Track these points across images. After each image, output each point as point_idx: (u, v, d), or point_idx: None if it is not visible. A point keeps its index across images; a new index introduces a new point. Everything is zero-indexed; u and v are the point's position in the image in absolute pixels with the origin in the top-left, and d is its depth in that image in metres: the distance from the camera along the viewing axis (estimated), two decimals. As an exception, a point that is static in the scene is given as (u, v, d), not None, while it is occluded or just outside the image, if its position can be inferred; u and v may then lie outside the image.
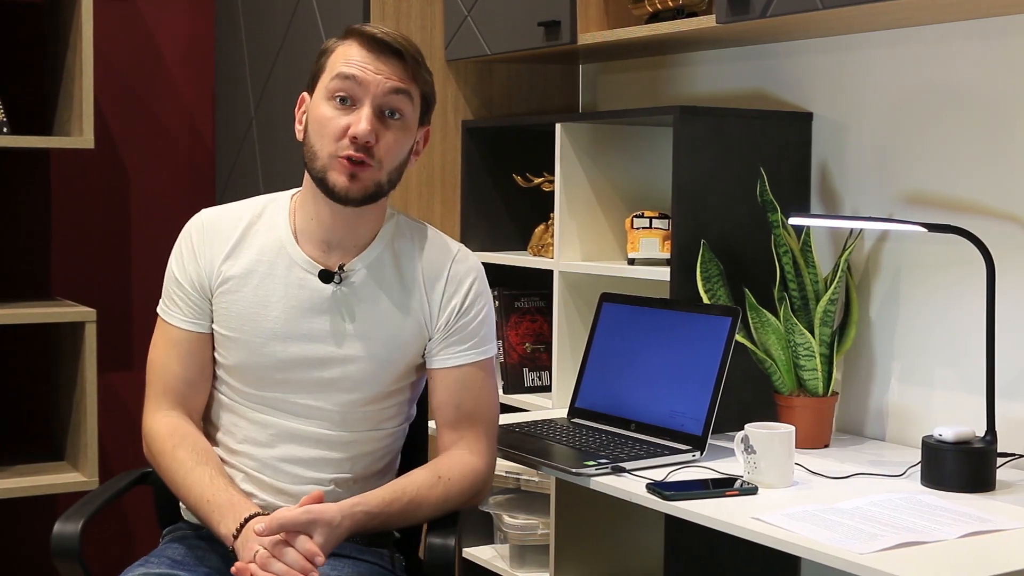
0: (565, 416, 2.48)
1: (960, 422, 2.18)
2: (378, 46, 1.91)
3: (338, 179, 1.91)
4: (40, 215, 3.54)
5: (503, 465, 2.75)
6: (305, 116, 1.97)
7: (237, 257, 2.00)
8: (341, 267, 1.98)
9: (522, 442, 2.27)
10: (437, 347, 2.02)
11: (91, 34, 3.09)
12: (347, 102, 1.90)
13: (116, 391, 3.65)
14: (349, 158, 1.89)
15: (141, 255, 3.70)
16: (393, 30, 1.96)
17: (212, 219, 2.04)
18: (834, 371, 2.32)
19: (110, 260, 3.65)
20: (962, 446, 2.01)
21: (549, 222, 2.92)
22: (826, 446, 2.33)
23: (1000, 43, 2.21)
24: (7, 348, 3.47)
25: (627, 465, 2.07)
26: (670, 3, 2.56)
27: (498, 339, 2.98)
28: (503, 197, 3.10)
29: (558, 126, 2.75)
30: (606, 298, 2.52)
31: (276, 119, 3.41)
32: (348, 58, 1.91)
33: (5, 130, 3.12)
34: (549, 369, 2.96)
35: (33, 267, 3.53)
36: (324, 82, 1.93)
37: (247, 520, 1.82)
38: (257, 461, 1.98)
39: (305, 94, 1.99)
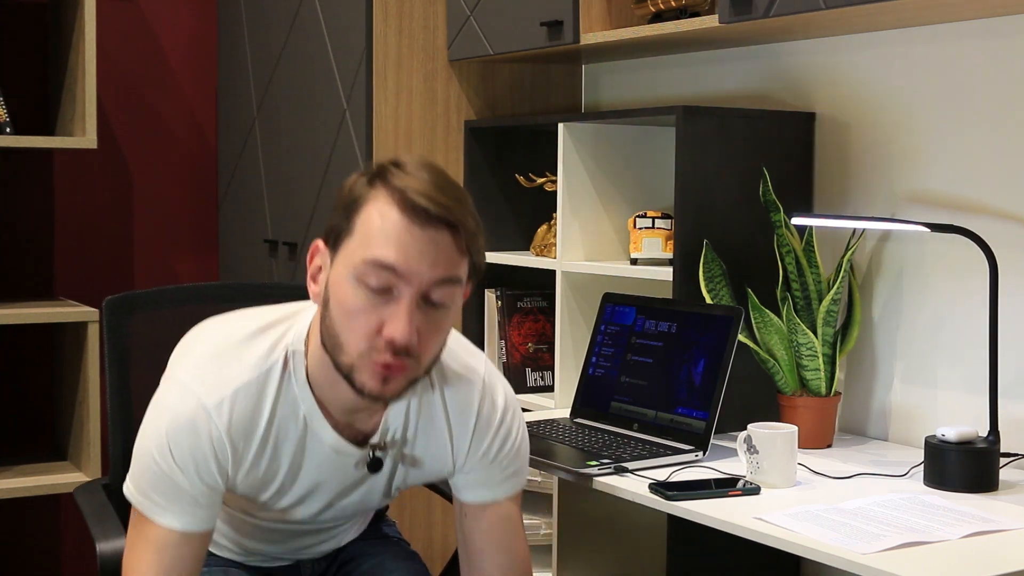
0: (568, 416, 2.48)
1: (963, 422, 2.18)
2: (426, 219, 1.50)
3: (368, 382, 1.54)
4: (43, 215, 3.54)
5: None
6: (324, 280, 1.57)
7: (261, 452, 1.65)
8: (374, 448, 1.69)
9: (525, 442, 2.27)
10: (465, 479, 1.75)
11: (94, 34, 3.09)
12: (384, 290, 1.50)
13: (119, 391, 3.65)
14: (385, 365, 1.52)
15: (144, 255, 3.71)
16: (439, 182, 1.53)
17: (222, 415, 1.60)
18: (837, 371, 2.31)
19: (113, 260, 3.65)
20: (965, 446, 2.00)
21: (552, 222, 2.92)
22: (829, 446, 2.33)
23: (1003, 43, 2.21)
24: (10, 348, 3.47)
25: (630, 465, 2.07)
26: (673, 3, 2.56)
27: (501, 339, 2.98)
28: (506, 197, 3.10)
29: (561, 126, 2.75)
30: (608, 298, 2.52)
31: (279, 119, 3.41)
32: (386, 233, 1.49)
33: (8, 130, 3.12)
34: (551, 369, 2.96)
35: (36, 267, 3.54)
36: (353, 254, 1.51)
37: None
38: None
39: (322, 245, 1.58)
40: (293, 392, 1.63)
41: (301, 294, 1.69)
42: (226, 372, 1.60)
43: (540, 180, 2.96)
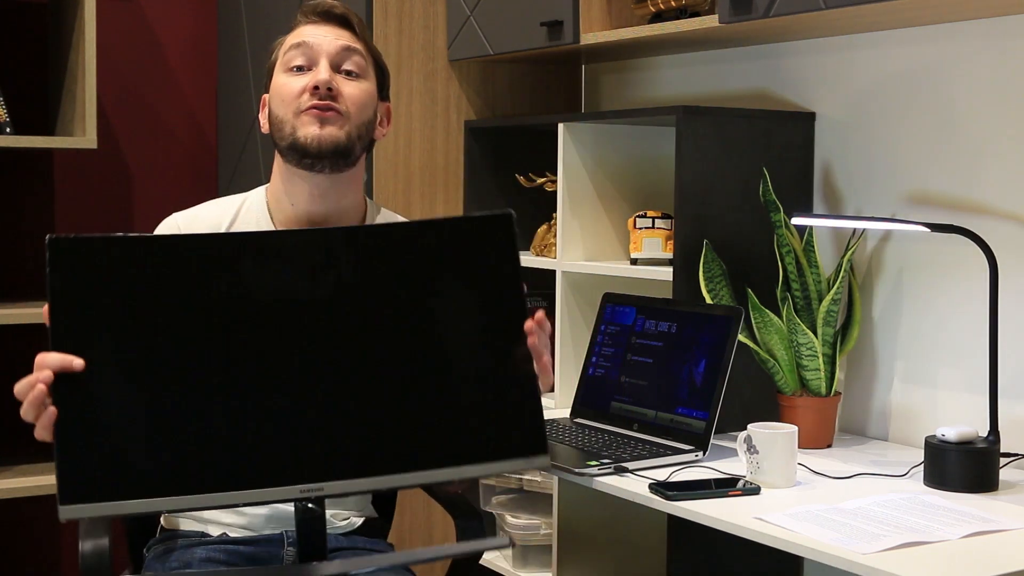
0: (567, 416, 2.48)
1: (963, 422, 2.18)
2: (323, 16, 1.96)
3: (308, 130, 1.90)
4: (43, 215, 3.54)
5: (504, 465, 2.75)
6: (267, 108, 1.99)
7: None
8: None
9: (525, 442, 2.26)
10: None
11: (94, 34, 3.09)
12: (303, 69, 1.93)
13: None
14: (314, 107, 1.89)
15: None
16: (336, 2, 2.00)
17: (191, 221, 2.01)
18: (837, 371, 2.31)
19: (113, 260, 3.65)
20: (965, 446, 2.00)
21: (552, 222, 2.92)
22: (829, 446, 2.33)
23: (1004, 42, 2.21)
24: (9, 348, 3.47)
25: (630, 465, 2.07)
26: (672, 3, 2.56)
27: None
28: (506, 197, 3.10)
29: (560, 126, 2.75)
30: (608, 298, 2.52)
31: (279, 119, 3.41)
32: (296, 32, 1.97)
33: (8, 130, 3.12)
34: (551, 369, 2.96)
35: (36, 267, 3.53)
36: (279, 62, 1.96)
37: None
38: None
39: (265, 95, 2.01)
40: (253, 213, 1.99)
41: None
42: (195, 208, 2.02)
43: (540, 180, 2.96)
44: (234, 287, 1.62)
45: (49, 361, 1.55)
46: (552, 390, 1.76)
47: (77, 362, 1.54)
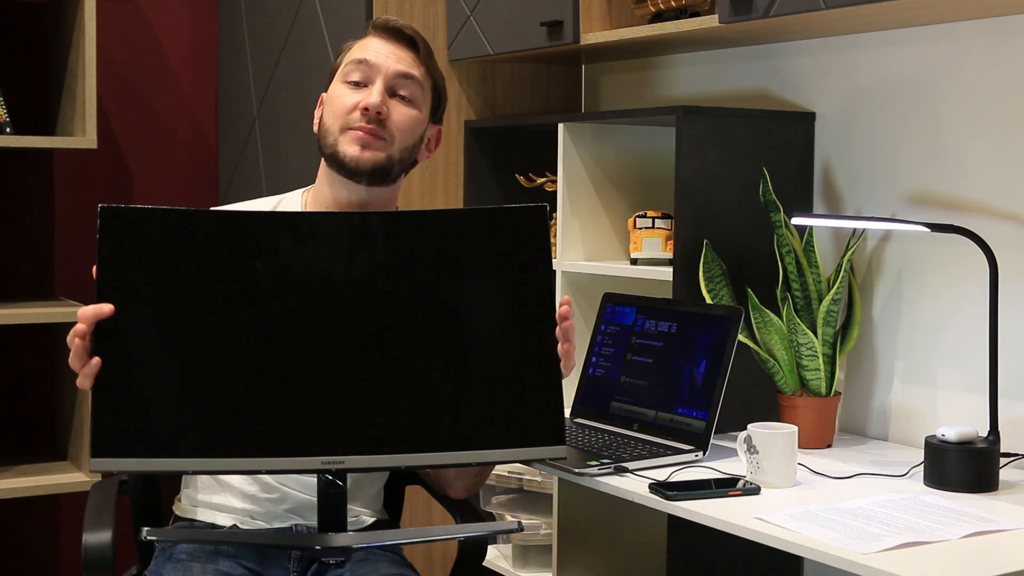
0: (568, 416, 2.48)
1: (963, 422, 2.18)
2: (391, 34, 2.01)
3: (349, 148, 1.97)
4: (43, 215, 3.54)
5: (505, 465, 2.75)
6: (322, 108, 2.04)
7: None
8: None
9: (525, 442, 2.26)
10: None
11: (94, 34, 3.09)
12: (360, 85, 1.98)
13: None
14: (361, 128, 1.96)
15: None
16: (407, 22, 2.06)
17: None
18: (837, 371, 2.31)
19: (113, 260, 3.65)
20: (965, 446, 2.00)
21: (552, 222, 2.92)
22: (829, 446, 2.33)
23: (1004, 43, 2.21)
24: (10, 348, 3.47)
25: (630, 465, 2.07)
26: (673, 3, 2.56)
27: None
28: (506, 197, 3.10)
29: (560, 126, 2.75)
30: (609, 298, 2.52)
31: (279, 118, 3.41)
32: (361, 46, 2.01)
33: (8, 130, 3.12)
34: (552, 369, 2.96)
35: (36, 267, 3.53)
36: (339, 70, 2.02)
37: None
38: None
39: (323, 94, 2.05)
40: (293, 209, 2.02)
41: None
42: (230, 206, 2.03)
43: (540, 180, 2.96)
44: (272, 263, 1.70)
45: (86, 313, 1.64)
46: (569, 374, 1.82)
47: (106, 308, 1.64)
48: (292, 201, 2.10)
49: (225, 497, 2.00)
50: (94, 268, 1.66)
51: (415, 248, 1.74)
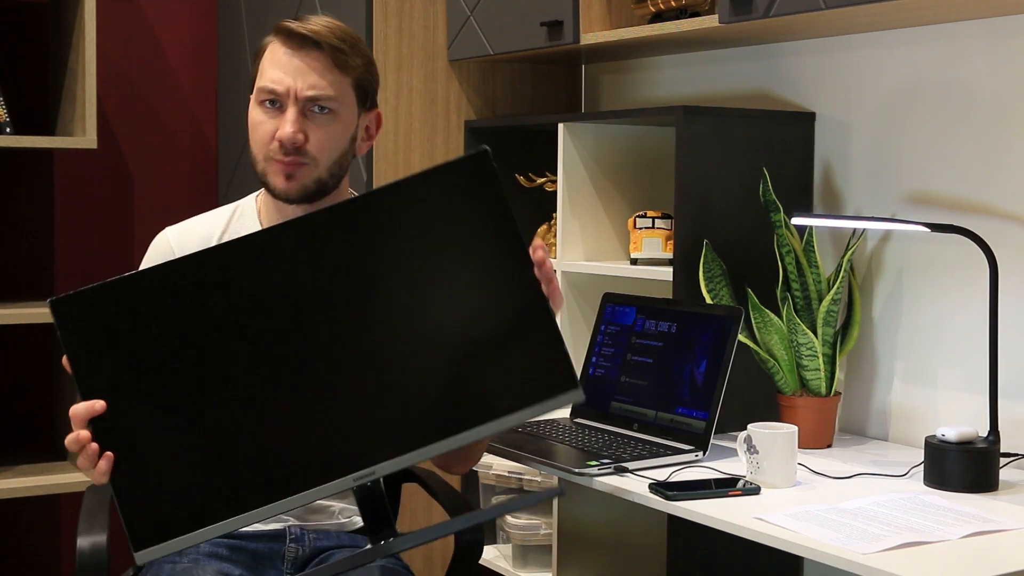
0: (568, 416, 2.48)
1: (963, 422, 2.18)
2: (297, 41, 1.91)
3: (276, 180, 1.92)
4: (43, 215, 3.54)
5: (506, 465, 2.75)
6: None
7: None
8: None
9: (525, 442, 2.27)
10: None
11: (94, 34, 3.09)
12: (276, 104, 1.91)
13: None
14: (280, 161, 1.91)
15: (144, 255, 3.70)
16: (322, 19, 1.94)
17: (183, 235, 2.03)
18: (837, 371, 2.31)
19: (113, 260, 3.65)
20: (965, 446, 2.00)
21: (552, 222, 2.92)
22: (829, 446, 2.33)
23: (1004, 42, 2.21)
24: (10, 348, 3.47)
25: (630, 465, 2.07)
26: (673, 3, 2.56)
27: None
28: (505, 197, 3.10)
29: (561, 126, 2.75)
30: (609, 298, 2.52)
31: (279, 119, 3.41)
32: (272, 62, 1.92)
33: (8, 130, 3.12)
34: (552, 369, 2.96)
35: (36, 267, 3.54)
36: (256, 91, 1.94)
37: None
38: None
39: (251, 98, 1.98)
40: (244, 222, 2.00)
41: None
42: (187, 222, 2.06)
43: (540, 180, 2.96)
44: (236, 298, 1.62)
45: (78, 414, 1.58)
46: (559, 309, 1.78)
47: (98, 404, 1.58)
48: (247, 208, 2.05)
49: None
50: (64, 359, 1.60)
51: (373, 233, 1.65)
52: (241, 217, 2.04)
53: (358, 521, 2.06)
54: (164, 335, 1.61)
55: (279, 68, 1.90)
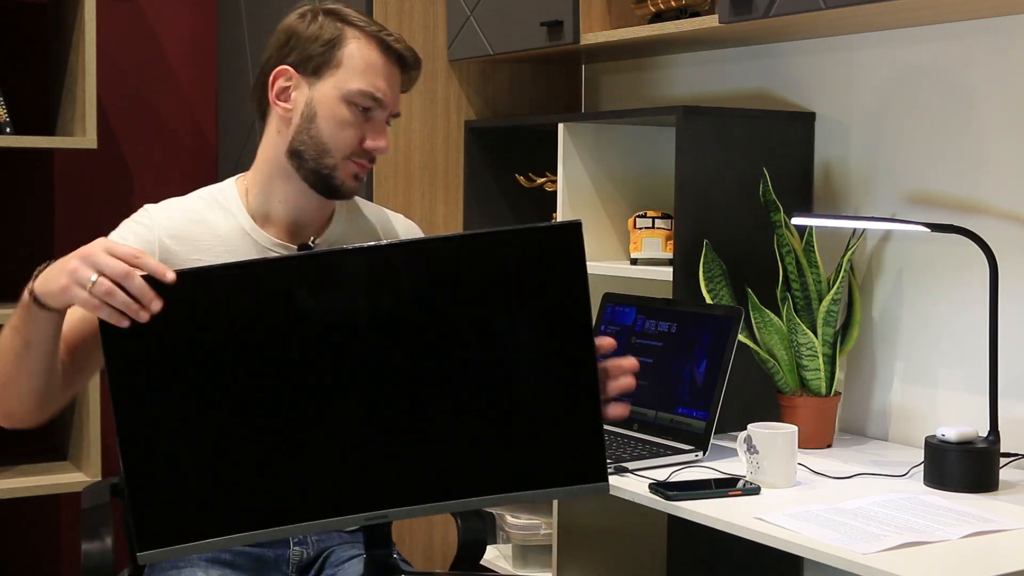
0: (568, 416, 2.48)
1: (963, 422, 2.18)
2: (399, 62, 1.93)
3: (347, 179, 1.91)
4: (43, 215, 3.54)
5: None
6: (302, 99, 1.91)
7: (202, 254, 1.92)
8: (308, 243, 1.95)
9: (525, 442, 2.27)
10: None
11: (94, 34, 3.09)
12: (367, 110, 1.91)
13: (119, 391, 3.64)
14: (362, 166, 1.92)
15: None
16: (402, 37, 1.96)
17: (177, 224, 1.96)
18: (837, 371, 2.31)
19: (113, 260, 3.65)
20: (965, 446, 2.01)
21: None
22: (829, 446, 2.33)
23: (1004, 43, 2.21)
24: (10, 348, 3.47)
25: (630, 465, 2.07)
26: (673, 3, 2.56)
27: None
28: (506, 197, 3.10)
29: (560, 126, 2.75)
30: (609, 298, 2.52)
31: (279, 119, 3.41)
32: (374, 70, 1.90)
33: (8, 130, 3.12)
34: (552, 369, 2.96)
35: (36, 267, 3.53)
36: (344, 82, 1.89)
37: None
38: None
39: (292, 71, 1.92)
40: (228, 206, 1.96)
41: None
42: (171, 204, 2.00)
43: (540, 180, 2.96)
44: (289, 313, 1.57)
45: (146, 263, 1.54)
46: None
47: (170, 274, 1.53)
48: (229, 193, 1.98)
49: None
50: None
51: (440, 279, 1.59)
52: (226, 203, 1.97)
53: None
54: (208, 341, 1.57)
55: (383, 79, 1.91)
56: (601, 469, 1.62)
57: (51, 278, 1.61)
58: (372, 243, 1.65)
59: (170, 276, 1.52)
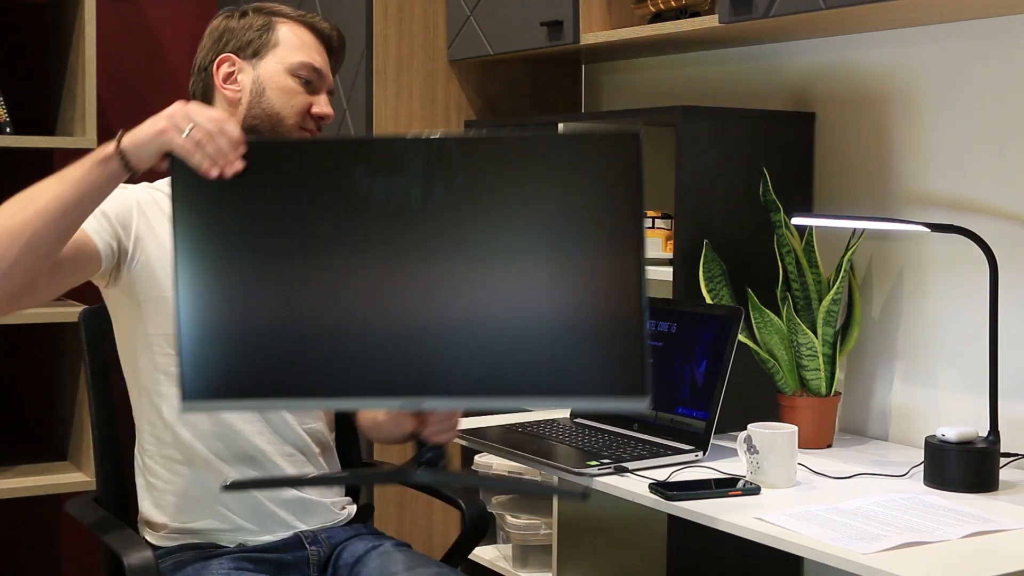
0: (568, 416, 2.48)
1: (963, 422, 2.18)
2: (330, 46, 2.08)
3: None
4: (43, 215, 3.54)
5: (505, 465, 2.75)
6: (249, 80, 2.01)
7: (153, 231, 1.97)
8: None
9: (525, 442, 2.27)
10: None
11: (94, 34, 3.09)
12: (308, 83, 2.03)
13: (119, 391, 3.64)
14: (311, 132, 2.03)
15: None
16: (322, 15, 2.11)
17: (143, 198, 1.99)
18: (837, 371, 2.31)
19: (113, 260, 3.65)
20: (965, 446, 2.01)
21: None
22: (829, 446, 2.33)
23: (1004, 43, 2.21)
24: (9, 348, 3.47)
25: (630, 465, 2.07)
26: (673, 3, 2.56)
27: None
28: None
29: (560, 126, 2.75)
30: (609, 298, 2.52)
31: (279, 119, 3.41)
32: (309, 46, 2.05)
33: (8, 130, 3.12)
34: (552, 369, 2.96)
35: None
36: (283, 57, 2.02)
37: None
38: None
39: (234, 57, 2.02)
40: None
41: None
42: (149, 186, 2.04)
43: (540, 180, 2.96)
44: (346, 193, 1.64)
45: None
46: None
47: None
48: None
49: (210, 521, 1.98)
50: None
51: (496, 176, 1.61)
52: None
53: (352, 510, 2.11)
54: (271, 209, 1.65)
55: (318, 55, 2.05)
56: (642, 385, 1.61)
57: (143, 128, 1.70)
58: (432, 133, 1.66)
59: (242, 144, 1.66)
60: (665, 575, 2.45)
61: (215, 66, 2.03)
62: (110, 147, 1.70)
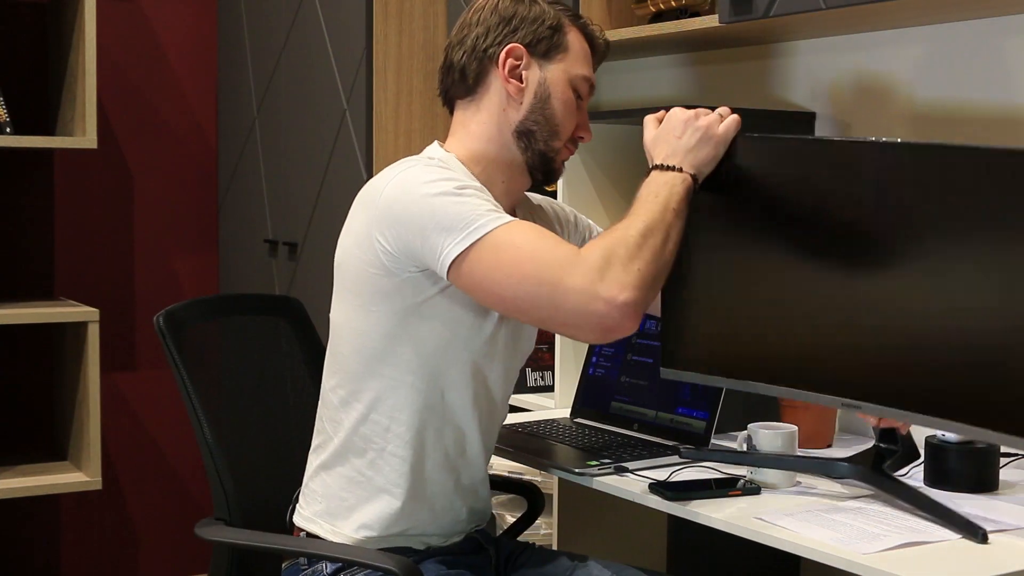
0: (568, 416, 2.48)
1: (963, 422, 2.18)
2: (599, 61, 2.01)
3: (561, 165, 1.97)
4: (43, 215, 3.54)
5: (505, 465, 2.75)
6: (535, 79, 1.90)
7: None
8: None
9: (525, 442, 2.27)
10: None
11: (94, 34, 3.10)
12: (579, 98, 1.95)
13: (119, 391, 3.65)
14: (571, 152, 1.98)
15: (144, 255, 3.71)
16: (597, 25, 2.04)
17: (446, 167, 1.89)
18: (837, 371, 2.31)
19: (113, 260, 3.65)
20: (965, 446, 2.00)
21: (552, 222, 2.92)
22: (829, 446, 2.32)
23: (1004, 43, 2.21)
24: (10, 348, 3.47)
25: (630, 465, 2.07)
26: (673, 3, 2.56)
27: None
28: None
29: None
30: (609, 298, 2.51)
31: (279, 119, 3.41)
32: (588, 59, 1.96)
33: (8, 130, 3.12)
34: (552, 369, 2.96)
35: (36, 267, 3.54)
36: (571, 67, 1.92)
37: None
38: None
39: (523, 51, 1.90)
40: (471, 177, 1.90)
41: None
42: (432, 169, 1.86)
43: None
44: (805, 190, 1.73)
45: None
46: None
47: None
48: (456, 168, 1.89)
49: (407, 522, 1.89)
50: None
51: (950, 190, 1.53)
52: (452, 168, 1.88)
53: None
54: (752, 197, 1.79)
55: (592, 69, 1.97)
56: None
57: (694, 152, 1.86)
58: (883, 139, 1.72)
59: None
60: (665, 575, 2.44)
61: (504, 55, 1.89)
62: (687, 177, 1.81)
